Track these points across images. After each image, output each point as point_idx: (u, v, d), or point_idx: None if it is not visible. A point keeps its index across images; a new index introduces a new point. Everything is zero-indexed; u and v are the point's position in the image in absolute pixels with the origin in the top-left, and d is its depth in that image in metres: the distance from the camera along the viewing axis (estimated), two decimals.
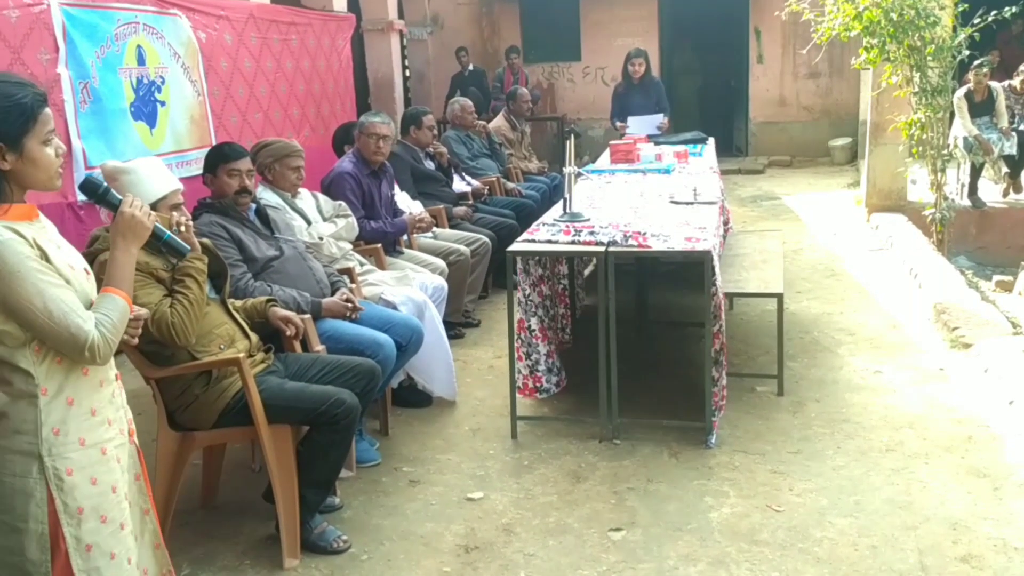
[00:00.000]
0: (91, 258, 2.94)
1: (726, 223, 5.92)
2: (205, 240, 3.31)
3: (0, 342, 1.99)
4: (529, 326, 4.27)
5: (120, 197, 2.26)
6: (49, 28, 4.67)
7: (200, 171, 5.60)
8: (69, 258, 2.13)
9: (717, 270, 3.95)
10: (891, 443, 3.99)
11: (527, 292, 4.27)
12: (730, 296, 5.11)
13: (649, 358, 5.12)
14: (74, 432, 2.08)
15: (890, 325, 5.59)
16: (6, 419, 2.03)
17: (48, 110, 2.06)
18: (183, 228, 2.95)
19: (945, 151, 7.62)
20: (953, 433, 4.06)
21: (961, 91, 8.68)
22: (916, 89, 7.24)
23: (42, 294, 1.98)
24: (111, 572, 2.13)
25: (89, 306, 2.10)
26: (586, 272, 6.23)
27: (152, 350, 3.14)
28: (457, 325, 5.68)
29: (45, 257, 2.03)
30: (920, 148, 7.47)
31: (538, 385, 4.33)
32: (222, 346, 3.22)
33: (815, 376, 4.79)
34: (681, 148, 6.85)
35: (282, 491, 3.20)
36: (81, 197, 4.57)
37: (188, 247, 2.71)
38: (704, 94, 14.72)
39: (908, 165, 8.02)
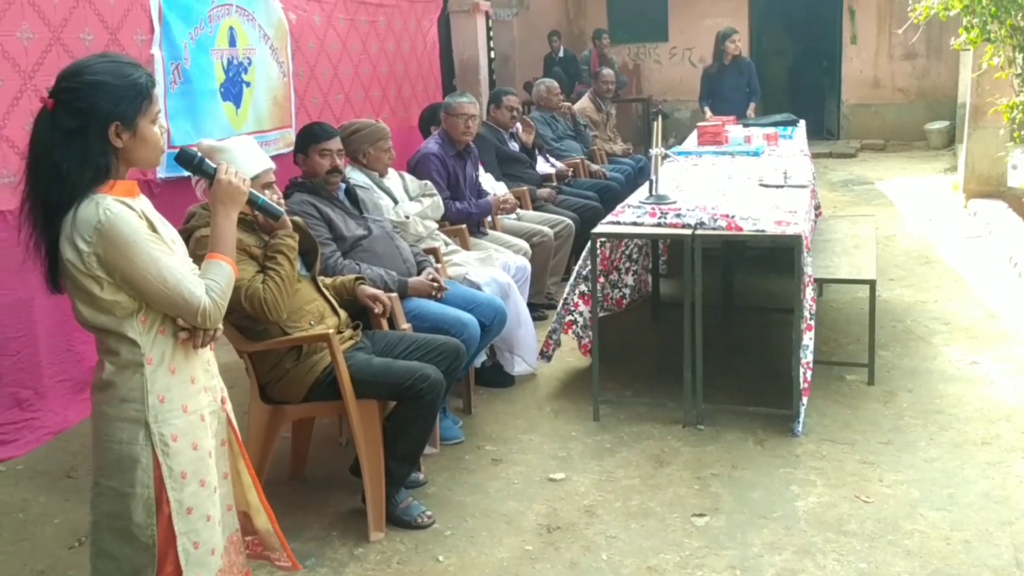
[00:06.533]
0: (187, 234, 3.02)
1: (816, 208, 5.80)
2: (296, 218, 3.38)
3: (110, 312, 2.05)
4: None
5: (214, 166, 2.31)
6: (146, 9, 4.80)
7: (278, 151, 5.77)
8: (171, 234, 2.20)
9: (807, 255, 3.88)
10: (987, 436, 3.86)
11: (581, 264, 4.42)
12: (820, 282, 5.01)
13: (734, 344, 5.05)
14: (177, 399, 2.14)
15: (987, 315, 5.41)
16: (113, 388, 2.09)
17: (156, 91, 2.12)
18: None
19: None
20: None
21: None
22: (1019, 70, 6.93)
23: (156, 262, 2.03)
24: (207, 533, 2.20)
25: None
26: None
27: (245, 325, 3.22)
28: (540, 307, 5.68)
29: (152, 228, 2.08)
30: (1022, 132, 7.17)
31: (546, 351, 4.68)
32: (312, 322, 3.29)
33: (907, 366, 4.66)
34: (771, 130, 6.71)
35: (369, 465, 3.25)
36: (164, 174, 4.69)
37: (282, 210, 2.82)
38: (794, 75, 14.38)
39: (1009, 149, 7.69)
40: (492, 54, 10.50)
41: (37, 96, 3.52)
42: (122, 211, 2.01)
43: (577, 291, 4.53)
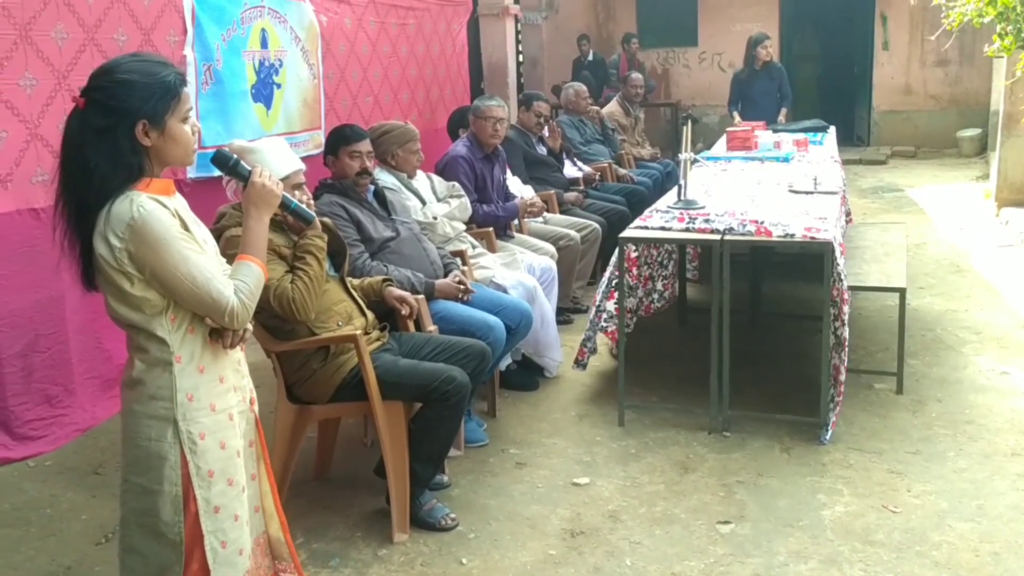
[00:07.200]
0: (218, 234, 3.04)
1: (847, 214, 5.75)
2: (326, 219, 3.39)
3: (139, 309, 2.07)
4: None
5: (249, 168, 2.33)
6: (179, 11, 4.84)
7: (308, 152, 5.79)
8: (203, 233, 2.21)
9: (839, 261, 3.85)
10: (1017, 447, 3.81)
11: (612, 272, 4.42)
12: (850, 289, 4.97)
13: (761, 350, 5.01)
14: (205, 398, 2.15)
15: (1019, 324, 5.34)
16: (142, 385, 2.11)
17: (187, 89, 2.13)
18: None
19: None
20: None
21: None
22: None
23: (187, 261, 2.04)
24: (234, 533, 2.21)
25: None
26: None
27: (273, 325, 3.24)
28: (566, 311, 5.67)
29: (185, 227, 2.10)
30: None
31: (581, 359, 4.63)
32: (340, 323, 3.30)
33: (937, 375, 4.61)
34: (801, 136, 6.68)
35: (394, 466, 3.26)
36: (194, 174, 4.71)
37: (314, 214, 2.85)
38: (825, 81, 14.28)
39: None
40: (521, 58, 10.49)
41: (71, 95, 3.56)
42: (155, 209, 2.03)
43: (606, 295, 4.51)
